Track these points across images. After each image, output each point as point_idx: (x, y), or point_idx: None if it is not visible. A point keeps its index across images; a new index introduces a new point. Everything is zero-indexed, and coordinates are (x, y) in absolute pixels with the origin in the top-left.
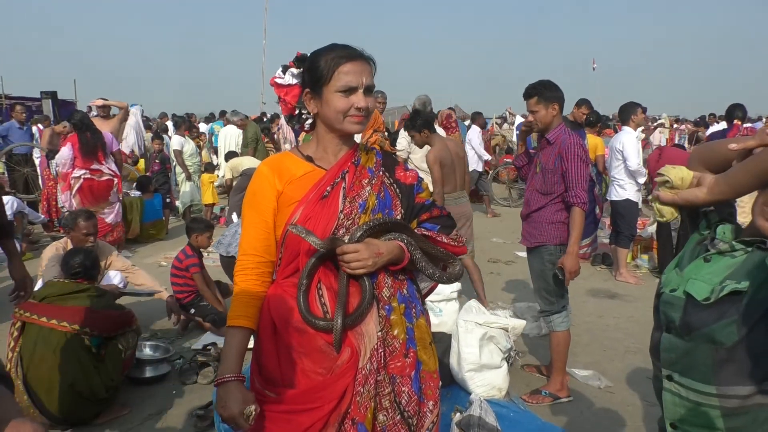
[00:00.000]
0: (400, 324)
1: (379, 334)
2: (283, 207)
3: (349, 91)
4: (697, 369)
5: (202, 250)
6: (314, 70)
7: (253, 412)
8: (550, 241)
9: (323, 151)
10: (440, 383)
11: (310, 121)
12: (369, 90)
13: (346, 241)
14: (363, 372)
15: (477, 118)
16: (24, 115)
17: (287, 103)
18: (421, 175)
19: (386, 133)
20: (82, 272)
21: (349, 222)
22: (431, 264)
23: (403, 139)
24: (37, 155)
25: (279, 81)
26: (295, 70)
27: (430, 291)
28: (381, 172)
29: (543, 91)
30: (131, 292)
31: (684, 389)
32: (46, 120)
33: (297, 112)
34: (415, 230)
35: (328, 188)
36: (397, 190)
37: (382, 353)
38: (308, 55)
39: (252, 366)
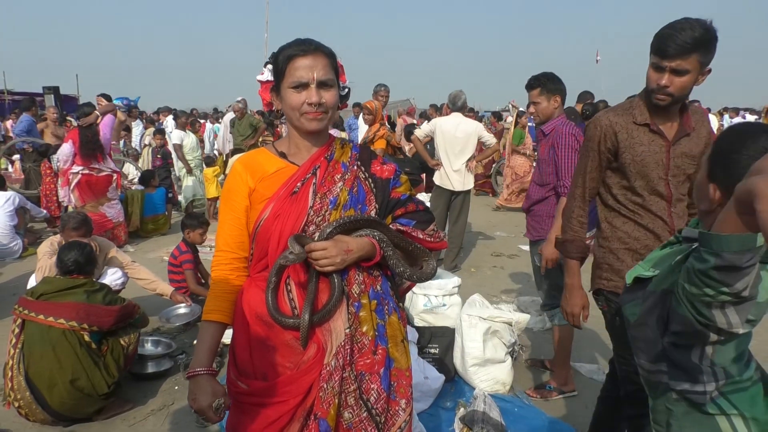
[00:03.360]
0: (369, 321)
1: (347, 331)
2: (255, 204)
3: (301, 86)
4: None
5: (199, 245)
6: (275, 66)
7: (222, 405)
8: None
9: (296, 147)
10: (436, 382)
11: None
12: (324, 84)
13: (316, 238)
14: (327, 368)
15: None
16: (56, 114)
17: (263, 99)
18: None
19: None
20: (75, 269)
21: (319, 218)
22: (402, 262)
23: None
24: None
25: (259, 78)
26: (271, 66)
27: (408, 288)
28: (356, 167)
29: (546, 83)
30: (169, 318)
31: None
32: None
33: (273, 108)
34: (390, 226)
35: (298, 184)
36: (372, 185)
37: (349, 350)
38: None
39: (229, 357)
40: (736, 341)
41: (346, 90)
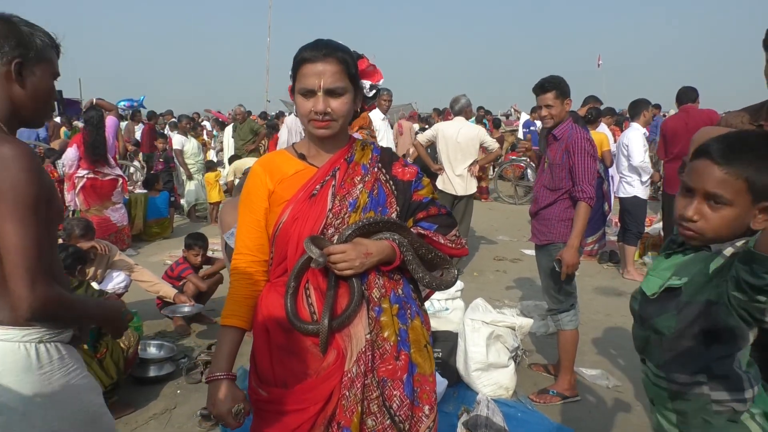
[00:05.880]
0: (391, 326)
1: (368, 336)
2: (273, 206)
3: (308, 93)
4: (652, 354)
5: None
6: (292, 66)
7: (242, 411)
8: (559, 239)
9: (315, 149)
10: (439, 386)
11: None
12: (332, 93)
13: (335, 240)
14: (349, 375)
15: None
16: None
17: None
18: None
19: (372, 131)
20: None
21: (339, 221)
22: (422, 268)
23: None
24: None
25: None
26: None
27: (429, 295)
28: (376, 169)
29: (560, 86)
30: (174, 311)
31: (650, 371)
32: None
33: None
34: (411, 229)
35: (317, 187)
36: (393, 187)
37: (371, 356)
38: None
39: (250, 364)
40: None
41: (374, 91)
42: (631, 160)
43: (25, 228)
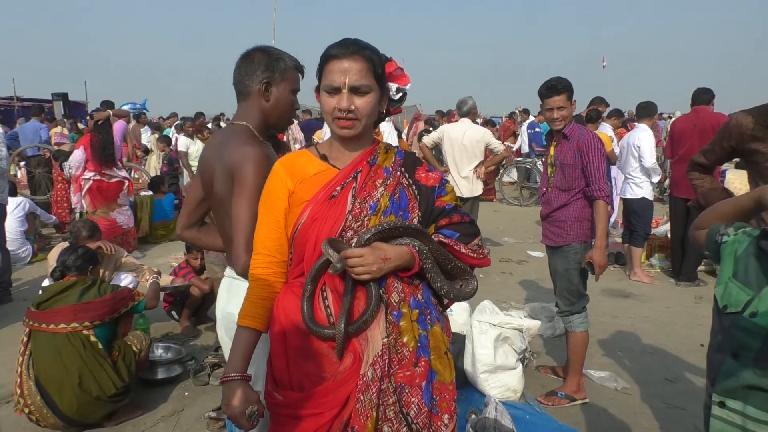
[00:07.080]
0: (410, 331)
1: (385, 341)
2: (293, 206)
3: (333, 91)
4: (763, 398)
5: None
6: (318, 64)
7: (255, 413)
8: (576, 239)
9: (338, 150)
10: (456, 395)
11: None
12: (357, 90)
13: (353, 244)
14: (364, 379)
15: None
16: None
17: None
18: None
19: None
20: (60, 274)
21: (358, 224)
22: (441, 276)
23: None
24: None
25: None
26: None
27: (450, 302)
28: (399, 172)
29: (570, 87)
30: (166, 287)
31: (740, 417)
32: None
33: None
34: (432, 236)
35: (337, 188)
36: (416, 192)
37: (387, 361)
38: None
39: (267, 366)
40: None
41: (400, 94)
42: (644, 162)
43: (252, 209)
